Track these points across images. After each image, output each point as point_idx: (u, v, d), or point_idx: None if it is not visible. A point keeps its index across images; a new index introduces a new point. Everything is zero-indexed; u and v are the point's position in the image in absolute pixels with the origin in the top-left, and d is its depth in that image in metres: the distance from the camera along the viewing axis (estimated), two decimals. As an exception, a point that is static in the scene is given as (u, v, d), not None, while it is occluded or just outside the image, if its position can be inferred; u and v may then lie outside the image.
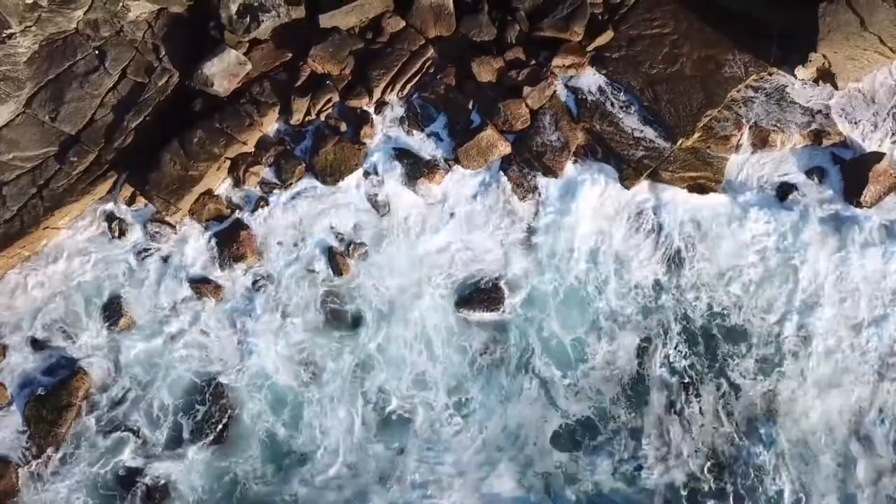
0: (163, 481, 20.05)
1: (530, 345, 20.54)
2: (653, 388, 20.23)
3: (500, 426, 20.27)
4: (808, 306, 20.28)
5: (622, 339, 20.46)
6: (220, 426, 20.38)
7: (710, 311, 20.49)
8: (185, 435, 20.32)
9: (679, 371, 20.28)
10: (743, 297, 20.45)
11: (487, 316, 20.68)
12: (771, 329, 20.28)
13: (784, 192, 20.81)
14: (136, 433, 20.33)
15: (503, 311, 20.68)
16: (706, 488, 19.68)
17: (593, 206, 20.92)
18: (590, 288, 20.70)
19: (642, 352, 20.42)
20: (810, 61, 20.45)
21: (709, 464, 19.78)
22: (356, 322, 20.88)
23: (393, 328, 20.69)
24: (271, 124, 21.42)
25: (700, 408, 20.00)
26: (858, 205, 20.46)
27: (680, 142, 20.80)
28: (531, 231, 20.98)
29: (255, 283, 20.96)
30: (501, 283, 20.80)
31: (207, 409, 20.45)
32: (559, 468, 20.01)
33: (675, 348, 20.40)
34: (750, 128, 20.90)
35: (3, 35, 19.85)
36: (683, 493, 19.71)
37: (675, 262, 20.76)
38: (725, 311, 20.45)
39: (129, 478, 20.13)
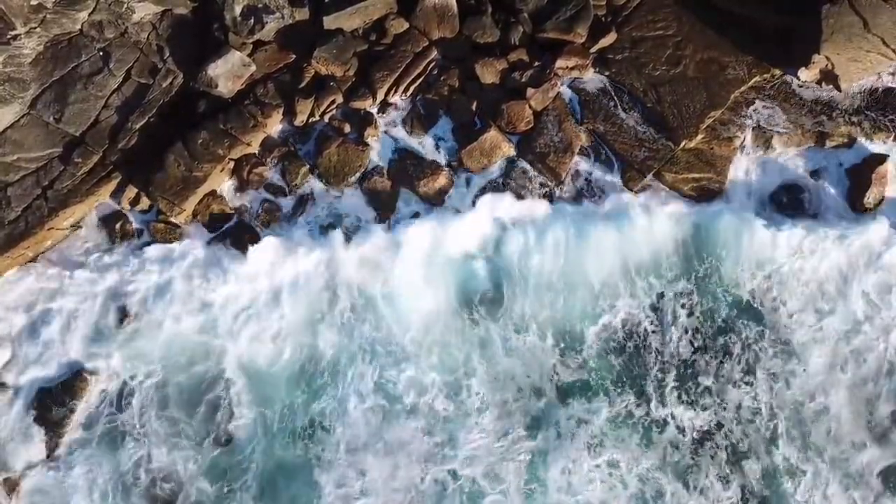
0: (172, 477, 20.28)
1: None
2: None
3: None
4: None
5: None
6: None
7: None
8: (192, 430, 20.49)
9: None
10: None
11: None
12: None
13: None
14: (141, 433, 20.41)
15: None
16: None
17: None
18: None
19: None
20: (813, 63, 20.46)
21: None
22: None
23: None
24: (275, 126, 21.45)
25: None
26: (862, 207, 20.63)
27: (683, 143, 20.85)
28: None
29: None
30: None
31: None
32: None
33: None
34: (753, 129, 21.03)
35: (8, 36, 19.86)
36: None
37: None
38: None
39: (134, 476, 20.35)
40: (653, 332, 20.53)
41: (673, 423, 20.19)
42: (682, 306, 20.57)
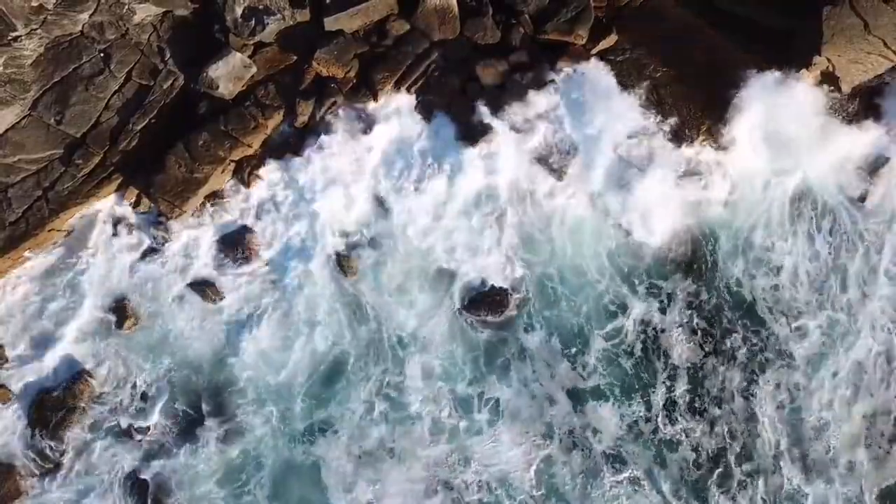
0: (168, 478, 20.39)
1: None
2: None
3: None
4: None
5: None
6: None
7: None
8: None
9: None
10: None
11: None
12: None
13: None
14: (141, 432, 20.48)
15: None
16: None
17: None
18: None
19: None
20: (814, 64, 20.47)
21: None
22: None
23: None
24: (276, 127, 21.45)
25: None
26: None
27: (683, 144, 20.85)
28: None
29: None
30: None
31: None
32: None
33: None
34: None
35: (9, 38, 19.84)
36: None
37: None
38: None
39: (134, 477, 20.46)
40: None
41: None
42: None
